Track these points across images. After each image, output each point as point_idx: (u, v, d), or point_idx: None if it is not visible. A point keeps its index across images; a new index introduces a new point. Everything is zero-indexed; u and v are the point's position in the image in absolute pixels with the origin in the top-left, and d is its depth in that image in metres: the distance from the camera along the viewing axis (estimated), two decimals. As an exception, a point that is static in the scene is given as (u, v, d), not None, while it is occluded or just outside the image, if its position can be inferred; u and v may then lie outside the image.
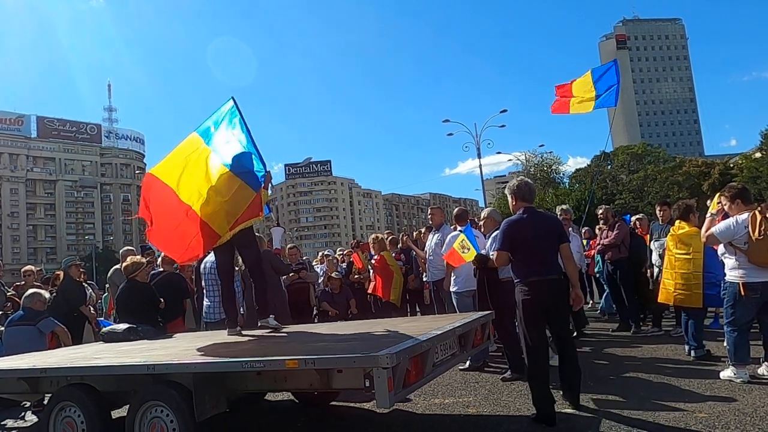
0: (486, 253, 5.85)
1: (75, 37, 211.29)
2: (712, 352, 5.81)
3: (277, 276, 6.90)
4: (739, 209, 4.86)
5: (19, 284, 8.31)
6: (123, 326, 5.79)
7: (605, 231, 8.32)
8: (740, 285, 4.73)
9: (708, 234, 5.01)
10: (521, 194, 4.60)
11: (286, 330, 5.18)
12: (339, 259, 10.08)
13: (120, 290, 6.55)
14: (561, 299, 4.45)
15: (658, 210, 7.52)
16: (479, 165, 35.57)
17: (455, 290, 6.34)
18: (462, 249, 5.87)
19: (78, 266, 7.97)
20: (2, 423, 5.83)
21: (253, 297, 5.72)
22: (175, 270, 7.32)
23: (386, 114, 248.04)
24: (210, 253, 5.65)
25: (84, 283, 8.08)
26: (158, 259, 7.90)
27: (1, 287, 8.12)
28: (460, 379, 5.75)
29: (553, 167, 58.89)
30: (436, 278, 7.06)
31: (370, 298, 8.87)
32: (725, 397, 4.40)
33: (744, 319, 4.83)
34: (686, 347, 6.03)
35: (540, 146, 78.99)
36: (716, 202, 5.33)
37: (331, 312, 8.19)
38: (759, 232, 4.57)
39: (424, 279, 7.77)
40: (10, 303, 7.75)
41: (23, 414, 6.04)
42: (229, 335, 4.95)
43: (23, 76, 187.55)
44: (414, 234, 9.74)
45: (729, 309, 4.89)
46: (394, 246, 8.84)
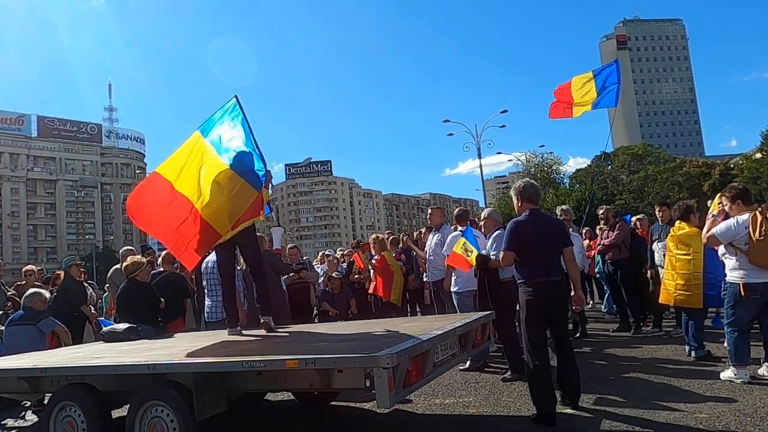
0: (486, 254, 5.85)
1: (75, 37, 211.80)
2: (713, 353, 5.81)
3: (277, 276, 6.91)
4: (740, 210, 4.86)
5: (20, 284, 8.32)
6: (123, 326, 5.79)
7: (606, 231, 8.32)
8: (741, 285, 4.73)
9: (709, 235, 5.01)
10: (527, 195, 4.62)
11: (287, 330, 5.18)
12: (339, 259, 10.08)
13: (120, 290, 6.55)
14: (563, 301, 4.52)
15: (658, 211, 7.50)
16: (479, 165, 35.56)
17: (456, 290, 6.34)
18: (466, 252, 5.85)
19: (78, 266, 7.99)
20: (3, 422, 5.83)
21: (255, 296, 5.73)
22: (176, 270, 7.33)
23: (386, 114, 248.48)
24: (211, 253, 5.65)
25: (84, 283, 8.09)
26: (158, 259, 7.91)
27: (2, 287, 8.13)
28: (461, 380, 5.75)
29: (554, 167, 58.82)
30: (437, 278, 7.06)
31: (371, 298, 8.87)
32: (725, 398, 4.40)
33: (744, 320, 4.83)
34: (686, 348, 6.04)
35: (540, 146, 78.92)
36: (717, 203, 5.33)
37: (332, 312, 8.20)
38: (759, 233, 4.57)
39: (425, 279, 7.77)
40: (11, 302, 7.76)
41: (23, 413, 6.05)
42: (230, 335, 4.95)
43: (24, 76, 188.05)
44: (414, 234, 9.74)
45: (729, 309, 4.89)
46: (395, 246, 8.84)
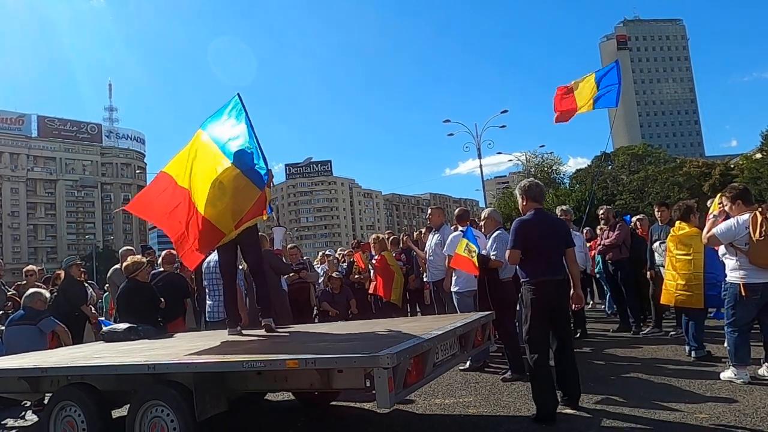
0: (486, 254, 5.85)
1: (75, 37, 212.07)
2: (713, 353, 5.81)
3: (278, 276, 6.90)
4: (740, 210, 4.86)
5: (21, 283, 8.33)
6: (123, 326, 5.79)
7: (606, 231, 8.32)
8: (741, 286, 4.73)
9: (709, 235, 5.01)
10: (532, 195, 4.66)
11: (287, 330, 5.18)
12: (339, 259, 10.08)
13: (121, 290, 6.55)
14: (566, 300, 4.56)
15: (657, 211, 7.49)
16: (480, 165, 35.48)
17: (456, 290, 6.34)
18: (470, 254, 5.83)
19: (79, 266, 7.99)
20: (3, 422, 5.83)
21: (255, 297, 5.72)
22: (176, 270, 7.33)
23: (386, 114, 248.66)
24: (213, 252, 5.64)
25: (85, 283, 8.09)
26: (158, 259, 7.91)
27: (2, 287, 8.13)
28: (461, 380, 5.74)
29: (554, 168, 58.73)
30: (436, 278, 7.06)
31: (371, 298, 8.87)
32: (726, 398, 4.40)
33: (744, 320, 4.83)
34: (686, 348, 6.03)
35: (540, 146, 78.76)
36: (717, 203, 5.33)
37: (332, 312, 8.20)
38: (760, 233, 4.57)
39: (425, 279, 7.77)
40: (11, 302, 7.77)
41: (24, 413, 6.05)
42: (230, 335, 4.95)
43: (24, 76, 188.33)
44: (414, 234, 9.74)
45: (730, 310, 4.89)
46: (395, 246, 8.84)
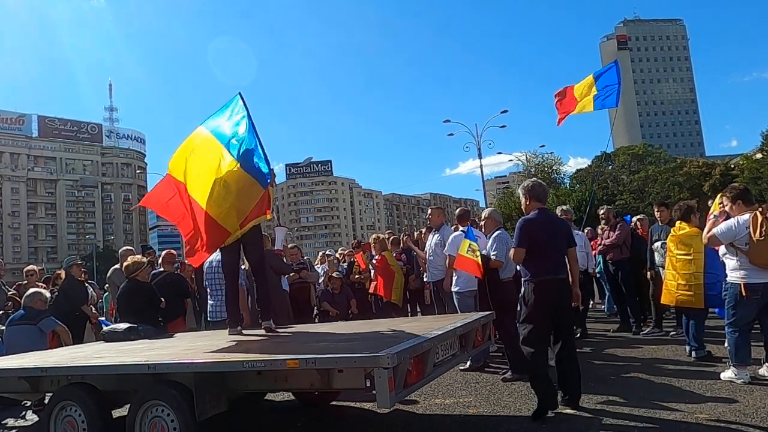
0: (486, 254, 5.85)
1: (76, 37, 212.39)
2: (713, 353, 5.80)
3: (278, 276, 6.90)
4: (741, 210, 4.86)
5: (21, 283, 8.34)
6: (124, 326, 5.79)
7: (607, 231, 8.32)
8: (741, 286, 4.73)
9: (709, 235, 5.00)
10: (536, 194, 4.69)
11: (287, 330, 5.18)
12: (340, 259, 10.08)
13: (121, 290, 6.55)
14: (568, 299, 4.60)
15: (656, 211, 7.49)
16: (480, 165, 35.47)
17: (457, 290, 6.34)
18: (473, 254, 5.80)
19: (79, 266, 8.00)
20: (3, 422, 5.83)
21: (255, 298, 5.71)
22: (176, 269, 7.33)
23: (386, 114, 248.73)
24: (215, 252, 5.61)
25: (85, 283, 8.10)
26: (159, 259, 7.91)
27: (2, 286, 8.14)
28: (461, 380, 5.74)
29: (554, 168, 58.62)
30: (436, 278, 7.06)
31: (371, 298, 8.87)
32: (726, 398, 4.40)
33: (745, 320, 4.83)
34: (687, 348, 6.03)
35: (541, 146, 78.40)
36: (718, 203, 5.33)
37: (332, 312, 8.20)
38: (760, 233, 4.57)
39: (425, 279, 7.77)
40: (11, 302, 7.77)
41: (24, 413, 6.04)
42: (230, 335, 4.95)
43: (24, 76, 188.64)
44: (415, 234, 9.74)
45: (730, 310, 4.88)
46: (396, 246, 8.85)
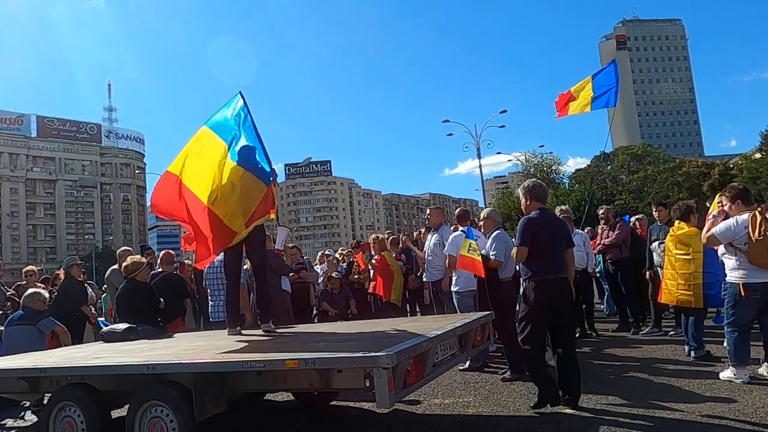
0: (486, 254, 5.85)
1: (75, 37, 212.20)
2: (712, 353, 5.80)
3: (278, 277, 6.88)
4: (740, 210, 4.86)
5: (21, 284, 8.32)
6: (123, 326, 5.79)
7: (606, 231, 8.33)
8: (740, 286, 4.73)
9: (708, 235, 5.00)
10: (536, 194, 4.72)
11: (286, 330, 5.17)
12: (339, 259, 10.07)
13: (120, 290, 6.55)
14: (569, 298, 4.64)
15: (654, 211, 7.54)
16: (479, 165, 35.33)
17: (456, 290, 6.34)
18: (475, 253, 5.79)
19: (79, 266, 7.98)
20: (2, 422, 5.82)
21: (255, 299, 5.70)
22: (175, 270, 7.33)
23: (386, 114, 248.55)
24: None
25: (85, 283, 8.09)
26: (157, 259, 7.90)
27: (1, 287, 8.13)
28: (460, 380, 5.74)
29: (553, 168, 58.62)
30: (435, 278, 7.06)
31: (370, 298, 8.87)
32: (725, 398, 4.40)
33: (744, 320, 4.82)
34: (686, 348, 6.03)
35: (540, 146, 78.35)
36: (717, 203, 5.33)
37: (331, 312, 8.20)
38: (759, 233, 4.57)
39: (424, 279, 7.77)
40: (10, 302, 7.76)
41: (23, 413, 6.04)
42: (229, 335, 4.95)
43: (23, 76, 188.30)
44: (414, 234, 9.73)
45: (729, 309, 4.89)
46: (395, 246, 8.85)
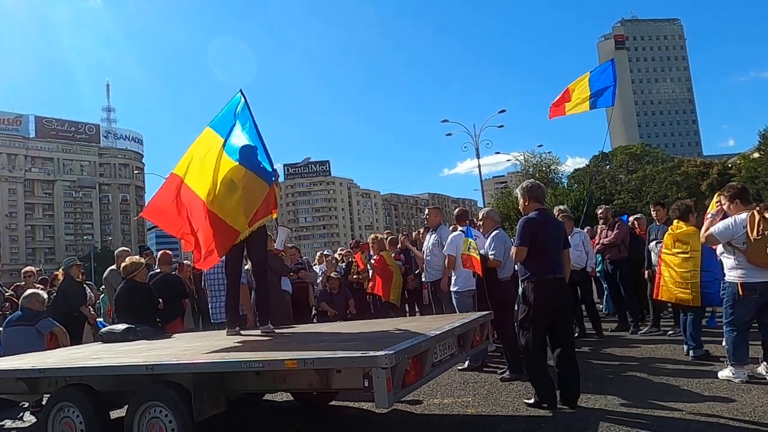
0: (485, 253, 5.85)
1: (74, 37, 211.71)
2: (711, 352, 5.81)
3: (277, 278, 6.87)
4: (738, 209, 4.86)
5: (20, 284, 8.31)
6: (122, 327, 5.78)
7: (605, 231, 8.34)
8: (739, 285, 4.73)
9: (707, 234, 5.00)
10: (534, 195, 4.74)
11: (285, 330, 5.17)
12: (338, 259, 10.07)
13: (119, 290, 6.54)
14: (567, 298, 4.67)
15: (653, 210, 7.57)
16: (478, 165, 35.56)
17: (455, 290, 6.34)
18: (475, 252, 5.79)
19: (79, 266, 7.96)
20: (1, 423, 5.81)
21: (255, 300, 5.69)
22: (174, 270, 7.32)
23: (385, 114, 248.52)
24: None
25: (84, 284, 8.08)
26: (155, 260, 7.90)
27: (0, 287, 8.12)
28: (459, 379, 5.74)
29: (552, 167, 58.63)
30: (434, 278, 7.07)
31: (369, 298, 8.87)
32: (724, 397, 4.40)
33: (743, 319, 4.82)
34: (685, 347, 6.04)
35: (539, 146, 78.19)
36: (715, 202, 5.33)
37: (330, 312, 8.19)
38: (757, 232, 4.57)
39: (423, 279, 7.77)
40: (9, 303, 7.76)
41: (21, 414, 6.02)
42: (228, 335, 4.95)
43: (21, 76, 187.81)
44: (413, 234, 9.73)
45: (728, 309, 4.89)
46: (394, 246, 8.85)
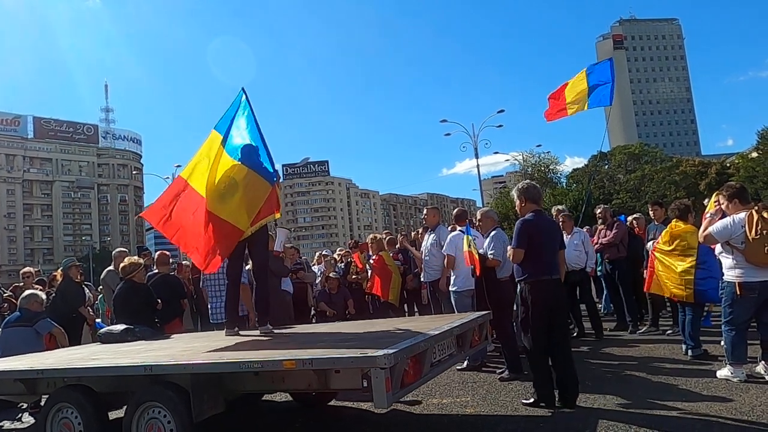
0: (484, 253, 5.85)
1: (72, 37, 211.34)
2: (709, 352, 5.82)
3: (277, 279, 6.86)
4: (737, 208, 4.86)
5: (18, 285, 8.30)
6: (120, 327, 5.77)
7: (603, 230, 8.34)
8: (737, 285, 4.73)
9: (705, 233, 5.00)
10: (531, 196, 4.74)
11: (284, 330, 5.17)
12: (337, 260, 10.07)
13: (117, 291, 6.53)
14: (563, 299, 4.68)
15: (651, 210, 7.62)
16: (477, 165, 35.70)
17: (454, 290, 6.34)
18: (473, 250, 5.79)
19: (78, 267, 7.95)
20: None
21: (254, 301, 5.69)
22: (172, 271, 7.32)
23: (385, 114, 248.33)
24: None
25: (82, 285, 8.07)
26: (153, 261, 7.89)
27: (-2, 288, 8.12)
28: (458, 379, 5.74)
29: (551, 167, 58.72)
30: (433, 278, 7.07)
31: (368, 298, 8.87)
32: (722, 397, 4.40)
33: (742, 319, 4.82)
34: (683, 347, 6.04)
35: (537, 146, 78.43)
36: (714, 202, 5.33)
37: (329, 312, 8.20)
38: (756, 232, 4.58)
39: (422, 279, 7.77)
40: (7, 304, 7.75)
41: (20, 415, 6.01)
42: (227, 335, 4.95)
43: (20, 76, 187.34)
44: (412, 234, 9.74)
45: (727, 308, 4.89)
46: (392, 246, 8.85)
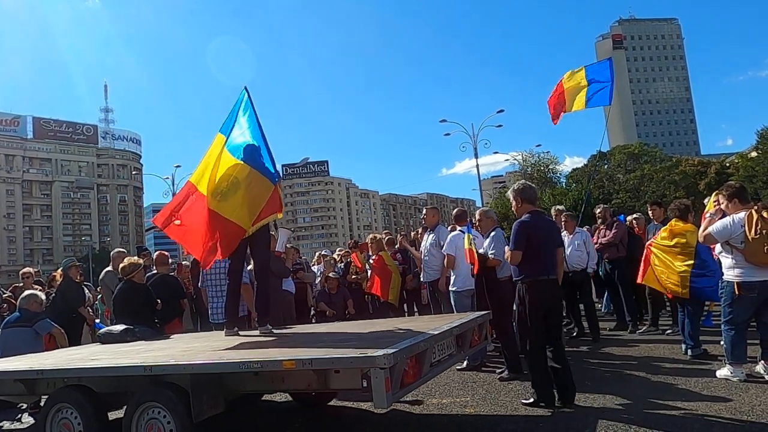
0: (484, 253, 5.85)
1: (72, 38, 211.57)
2: (709, 351, 5.82)
3: (278, 279, 6.86)
4: (736, 208, 4.86)
5: (18, 285, 8.30)
6: (120, 327, 5.77)
7: (603, 230, 8.34)
8: (736, 284, 4.73)
9: (705, 233, 5.00)
10: (527, 196, 4.74)
11: (284, 330, 5.17)
12: (337, 260, 10.07)
13: (117, 291, 6.53)
14: (559, 299, 4.71)
15: (650, 210, 7.66)
16: (476, 165, 35.64)
17: (454, 290, 6.34)
18: (474, 248, 5.78)
19: (78, 267, 7.95)
20: (-1, 425, 5.81)
21: (254, 301, 5.69)
22: (171, 271, 7.31)
23: (385, 114, 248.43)
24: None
25: (82, 285, 8.06)
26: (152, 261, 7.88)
27: (-2, 289, 8.11)
28: (458, 379, 5.74)
29: (550, 167, 58.68)
30: (432, 278, 7.07)
31: (368, 298, 8.87)
32: (722, 396, 4.40)
33: (741, 318, 4.82)
34: (683, 346, 6.04)
35: (537, 146, 78.57)
36: (713, 202, 5.34)
37: (329, 312, 8.20)
38: (755, 231, 4.58)
39: (421, 279, 7.77)
40: (7, 304, 7.74)
41: (20, 416, 6.01)
42: (227, 336, 4.94)
43: (19, 76, 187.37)
44: (412, 234, 9.74)
45: (726, 308, 4.89)
46: (392, 246, 8.85)
